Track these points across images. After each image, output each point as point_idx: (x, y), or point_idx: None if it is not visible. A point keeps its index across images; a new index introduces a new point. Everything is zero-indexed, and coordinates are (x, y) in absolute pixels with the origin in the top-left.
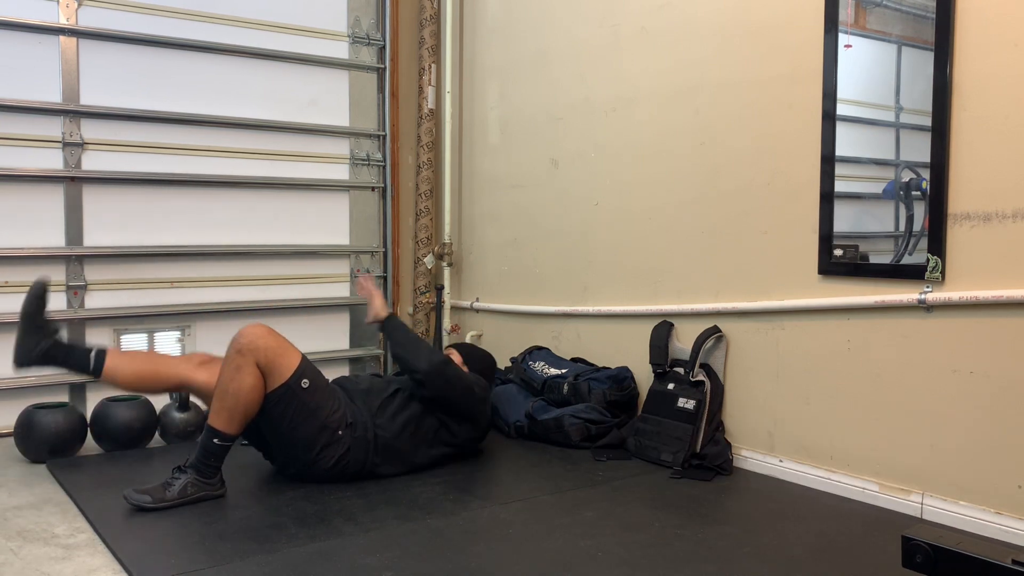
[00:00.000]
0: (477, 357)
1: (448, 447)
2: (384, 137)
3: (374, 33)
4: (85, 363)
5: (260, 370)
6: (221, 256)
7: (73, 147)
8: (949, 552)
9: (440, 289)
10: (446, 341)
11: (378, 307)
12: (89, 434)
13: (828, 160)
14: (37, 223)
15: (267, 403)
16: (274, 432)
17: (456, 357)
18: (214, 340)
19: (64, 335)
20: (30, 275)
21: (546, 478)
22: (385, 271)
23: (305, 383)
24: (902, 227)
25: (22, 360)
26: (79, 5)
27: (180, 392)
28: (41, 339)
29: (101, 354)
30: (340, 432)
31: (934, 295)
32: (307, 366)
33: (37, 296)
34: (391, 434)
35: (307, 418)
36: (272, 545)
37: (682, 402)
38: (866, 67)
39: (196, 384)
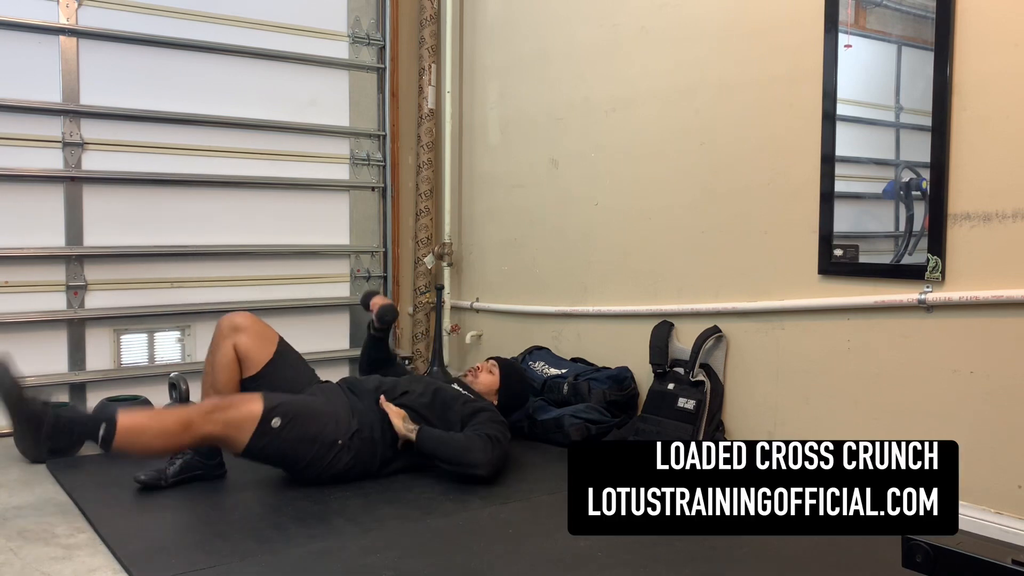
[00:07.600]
0: (516, 381)
1: None
2: (384, 137)
3: (374, 33)
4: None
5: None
6: (221, 256)
7: (73, 147)
8: (949, 552)
9: (440, 289)
10: (446, 341)
11: (400, 428)
12: None
13: (828, 160)
14: (37, 223)
15: (251, 453)
16: (278, 467)
17: (488, 379)
18: None
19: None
20: (30, 275)
21: (546, 478)
22: (385, 271)
23: (276, 423)
24: (902, 227)
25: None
26: (79, 5)
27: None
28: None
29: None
30: (340, 442)
31: (934, 295)
32: (275, 405)
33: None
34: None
35: (298, 447)
36: (272, 545)
37: (682, 402)
38: (866, 67)
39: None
